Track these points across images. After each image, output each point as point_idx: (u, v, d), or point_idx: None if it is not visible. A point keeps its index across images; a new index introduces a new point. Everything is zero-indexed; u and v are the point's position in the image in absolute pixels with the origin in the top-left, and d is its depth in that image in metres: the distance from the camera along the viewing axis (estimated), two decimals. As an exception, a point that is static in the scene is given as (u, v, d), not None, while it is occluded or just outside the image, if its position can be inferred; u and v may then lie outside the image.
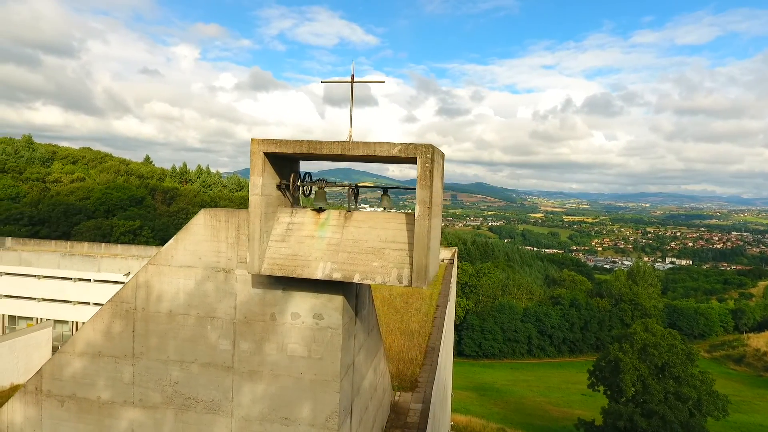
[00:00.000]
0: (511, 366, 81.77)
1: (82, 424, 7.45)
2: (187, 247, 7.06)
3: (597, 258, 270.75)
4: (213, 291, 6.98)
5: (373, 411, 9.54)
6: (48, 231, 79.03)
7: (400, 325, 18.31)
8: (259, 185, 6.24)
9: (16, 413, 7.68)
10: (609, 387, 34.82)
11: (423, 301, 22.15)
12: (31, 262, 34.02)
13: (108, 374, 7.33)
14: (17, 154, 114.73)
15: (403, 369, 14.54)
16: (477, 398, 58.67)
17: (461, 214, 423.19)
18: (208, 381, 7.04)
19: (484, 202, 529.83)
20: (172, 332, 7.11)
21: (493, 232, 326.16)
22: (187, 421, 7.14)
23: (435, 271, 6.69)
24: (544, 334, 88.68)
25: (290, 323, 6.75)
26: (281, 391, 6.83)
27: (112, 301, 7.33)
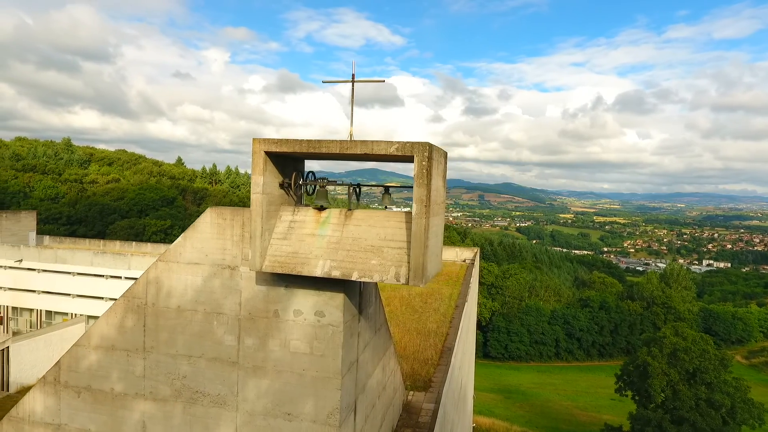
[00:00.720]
0: (537, 369, 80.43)
1: (96, 414, 7.74)
2: (194, 244, 7.25)
3: (629, 260, 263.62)
4: (219, 288, 7.15)
5: (381, 409, 9.57)
6: (85, 230, 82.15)
7: (417, 325, 18.29)
8: (260, 184, 6.35)
9: (36, 402, 8.04)
10: (637, 392, 33.86)
11: (442, 301, 22.05)
12: (66, 260, 35.44)
13: (121, 367, 7.60)
14: (57, 157, 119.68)
15: (417, 369, 14.53)
16: (501, 401, 57.96)
17: (488, 214, 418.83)
18: (215, 375, 7.21)
19: (512, 203, 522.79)
20: (181, 327, 7.32)
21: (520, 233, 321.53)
22: (194, 414, 7.33)
23: (436, 270, 6.68)
24: (572, 337, 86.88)
25: (293, 320, 6.85)
26: (284, 386, 6.94)
27: (125, 296, 7.59)
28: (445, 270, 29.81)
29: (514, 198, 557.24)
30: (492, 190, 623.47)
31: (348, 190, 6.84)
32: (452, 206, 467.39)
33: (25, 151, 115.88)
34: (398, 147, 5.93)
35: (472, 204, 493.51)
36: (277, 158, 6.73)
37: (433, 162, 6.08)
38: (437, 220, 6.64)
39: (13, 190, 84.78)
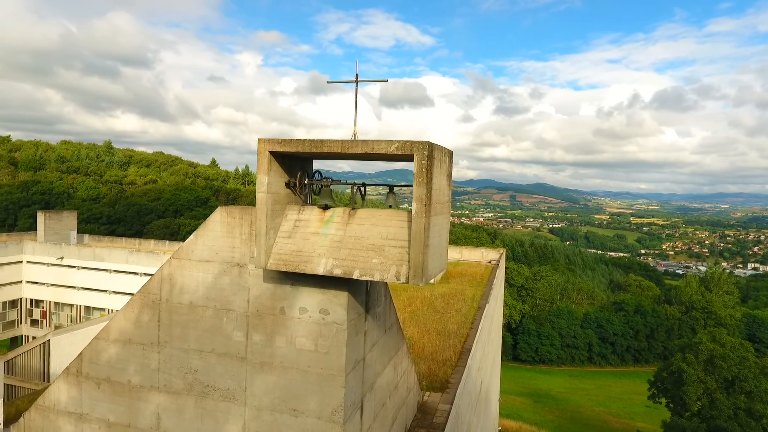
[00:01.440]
0: (569, 373, 78.62)
1: (115, 405, 8.06)
2: (205, 242, 7.46)
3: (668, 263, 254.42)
4: (228, 285, 7.33)
5: (392, 409, 9.59)
6: (123, 229, 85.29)
7: (438, 326, 18.21)
8: (265, 183, 6.48)
9: (61, 392, 8.43)
10: (672, 399, 32.65)
11: (464, 302, 21.87)
12: (103, 258, 36.91)
13: (137, 360, 7.89)
14: (98, 159, 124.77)
15: (435, 369, 14.47)
16: (531, 404, 56.94)
17: (520, 215, 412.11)
18: (225, 370, 7.40)
19: (545, 203, 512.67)
20: (193, 323, 7.54)
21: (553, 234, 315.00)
22: (205, 407, 7.53)
23: (439, 270, 6.66)
24: (605, 341, 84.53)
25: (298, 317, 6.96)
26: (290, 383, 7.05)
27: (141, 292, 7.88)
28: (470, 271, 29.54)
29: (547, 198, 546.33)
30: (524, 190, 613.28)
31: (352, 190, 6.89)
32: (483, 207, 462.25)
33: (69, 154, 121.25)
34: (398, 146, 5.94)
35: (503, 205, 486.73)
36: (282, 158, 6.85)
37: (434, 161, 6.07)
38: (440, 220, 6.62)
39: (58, 191, 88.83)
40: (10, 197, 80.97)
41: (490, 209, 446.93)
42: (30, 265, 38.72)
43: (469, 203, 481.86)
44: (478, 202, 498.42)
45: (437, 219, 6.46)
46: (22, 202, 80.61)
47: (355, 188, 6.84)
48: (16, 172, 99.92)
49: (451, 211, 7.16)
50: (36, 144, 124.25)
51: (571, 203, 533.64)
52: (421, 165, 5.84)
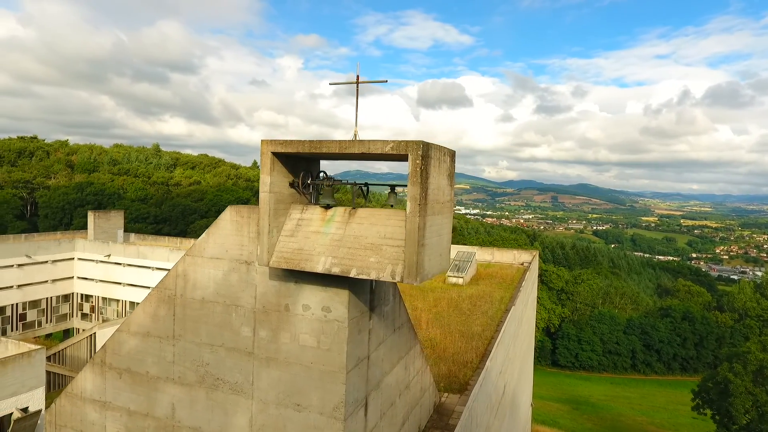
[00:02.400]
0: (611, 380, 75.90)
1: (134, 394, 8.47)
2: (216, 240, 7.74)
3: (722, 267, 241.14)
4: (237, 281, 7.57)
5: (403, 408, 9.61)
6: (169, 229, 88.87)
7: (462, 328, 18.05)
8: (268, 183, 6.67)
9: (87, 381, 8.94)
10: (717, 411, 30.97)
11: (492, 304, 21.57)
12: (146, 255, 38.64)
13: (154, 352, 8.27)
14: (147, 161, 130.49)
15: (455, 371, 14.36)
16: (568, 411, 55.34)
17: (562, 216, 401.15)
18: (233, 364, 7.65)
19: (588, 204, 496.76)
20: (204, 318, 7.83)
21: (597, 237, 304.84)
22: (215, 399, 7.81)
23: (438, 269, 6.65)
24: (650, 349, 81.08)
25: (301, 314, 7.11)
26: (294, 378, 7.22)
27: (158, 287, 8.25)
28: (501, 273, 29.06)
29: (591, 199, 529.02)
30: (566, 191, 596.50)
31: (353, 189, 6.98)
32: (523, 208, 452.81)
33: (120, 157, 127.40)
34: (393, 146, 5.99)
35: (544, 206, 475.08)
36: (286, 159, 7.02)
37: (430, 161, 6.08)
38: (440, 219, 6.61)
39: (110, 192, 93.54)
40: (66, 198, 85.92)
41: (531, 210, 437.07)
42: (81, 262, 41.02)
43: (508, 204, 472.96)
44: (518, 203, 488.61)
45: (436, 219, 6.46)
46: (77, 202, 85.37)
47: (356, 188, 6.93)
48: (72, 174, 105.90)
49: (453, 210, 7.13)
50: (91, 147, 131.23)
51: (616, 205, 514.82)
52: (415, 165, 5.86)
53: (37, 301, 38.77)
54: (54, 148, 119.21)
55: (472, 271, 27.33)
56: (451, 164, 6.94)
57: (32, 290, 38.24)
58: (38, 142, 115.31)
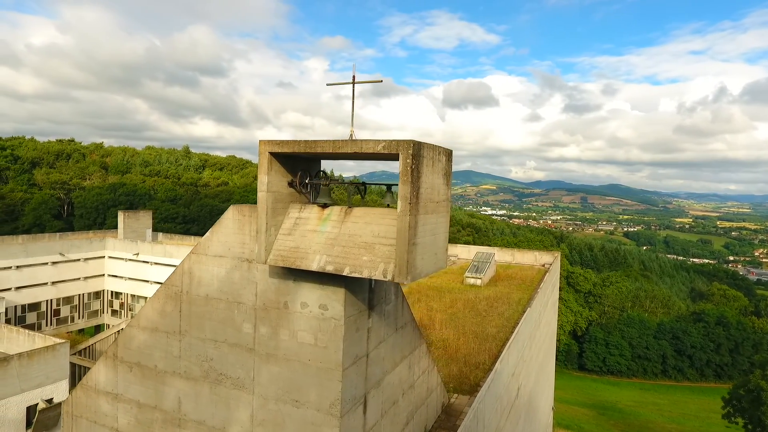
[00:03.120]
0: (640, 386, 73.86)
1: (143, 387, 8.75)
2: (219, 238, 7.92)
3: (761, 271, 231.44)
4: (239, 279, 7.74)
5: (406, 407, 9.63)
6: (197, 228, 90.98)
7: (477, 329, 17.91)
8: (265, 182, 6.80)
9: (100, 374, 9.28)
10: (749, 420, 29.79)
11: (509, 305, 21.32)
12: (172, 254, 39.67)
13: (162, 347, 8.52)
14: (177, 163, 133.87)
15: (466, 372, 14.28)
16: (594, 416, 54.11)
17: (592, 218, 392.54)
18: (236, 360, 7.82)
19: (619, 205, 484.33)
20: (208, 314, 8.03)
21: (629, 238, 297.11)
22: (219, 394, 8.00)
23: (432, 268, 6.64)
24: (682, 354, 78.53)
25: (300, 312, 7.22)
26: (293, 374, 7.33)
27: (165, 284, 8.50)
28: (521, 274, 28.67)
29: (622, 200, 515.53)
30: (596, 191, 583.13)
31: (348, 189, 7.05)
32: (551, 209, 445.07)
33: (152, 158, 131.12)
34: (384, 145, 6.03)
35: (573, 207, 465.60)
36: (285, 159, 7.14)
37: (422, 160, 6.09)
38: (434, 218, 6.61)
39: (141, 192, 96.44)
40: (100, 198, 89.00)
41: (559, 211, 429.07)
42: (111, 260, 42.44)
43: (536, 205, 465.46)
44: (546, 204, 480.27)
45: (429, 218, 6.46)
46: (110, 202, 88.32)
47: (353, 187, 6.99)
48: (106, 175, 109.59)
49: (450, 209, 7.11)
50: (124, 150, 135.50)
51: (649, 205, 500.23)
52: (406, 164, 5.88)
53: (70, 298, 40.28)
54: (90, 151, 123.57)
55: (491, 272, 27.06)
56: (447, 163, 6.93)
57: (65, 287, 39.77)
58: (75, 145, 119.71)
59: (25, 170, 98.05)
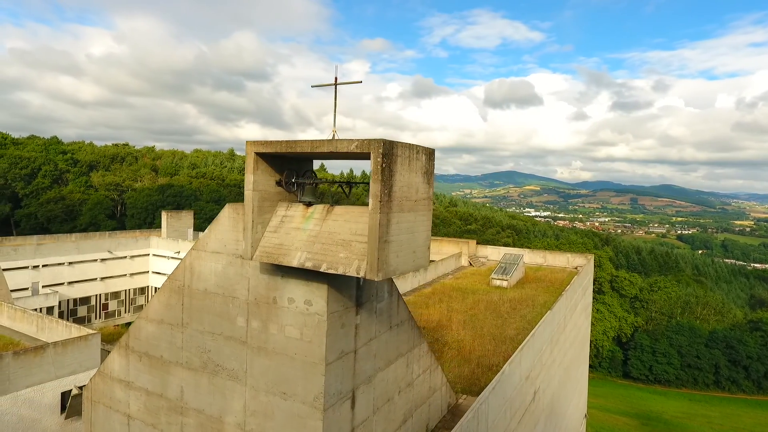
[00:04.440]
0: (689, 397, 70.16)
1: (151, 376, 9.24)
2: (216, 235, 8.28)
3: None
4: (233, 274, 8.06)
5: (404, 405, 9.69)
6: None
7: (495, 331, 17.68)
8: (251, 181, 7.07)
9: (115, 362, 9.86)
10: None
11: (533, 308, 20.89)
12: (211, 253, 41.20)
13: (166, 338, 8.98)
14: (222, 165, 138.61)
15: (478, 374, 14.16)
16: (637, 427, 51.88)
17: (642, 220, 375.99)
18: (230, 352, 8.14)
19: (672, 207, 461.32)
20: (207, 308, 8.40)
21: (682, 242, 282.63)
22: (216, 384, 8.35)
23: (408, 266, 6.70)
24: (737, 365, 73.94)
25: (287, 307, 7.45)
26: (280, 367, 7.57)
27: (170, 278, 8.96)
28: (550, 276, 27.97)
29: (675, 201, 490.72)
30: (647, 192, 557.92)
31: (329, 188, 7.20)
32: (598, 210, 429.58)
33: (199, 161, 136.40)
34: (357, 144, 6.15)
35: (622, 208, 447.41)
36: (273, 159, 7.39)
37: (395, 158, 6.17)
38: (411, 217, 6.67)
39: (187, 194, 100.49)
40: (150, 199, 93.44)
41: (607, 213, 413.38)
42: (154, 258, 44.56)
43: (582, 206, 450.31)
44: (593, 205, 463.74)
45: (405, 216, 6.53)
46: (159, 203, 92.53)
47: (337, 186, 7.15)
48: (156, 177, 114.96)
49: (431, 208, 7.14)
50: (173, 152, 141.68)
51: (705, 207, 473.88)
52: (376, 162, 5.98)
53: (117, 293, 42.59)
54: (142, 154, 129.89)
55: (519, 274, 26.54)
56: (427, 162, 6.98)
57: (113, 283, 42.08)
58: (128, 149, 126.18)
59: (83, 173, 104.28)
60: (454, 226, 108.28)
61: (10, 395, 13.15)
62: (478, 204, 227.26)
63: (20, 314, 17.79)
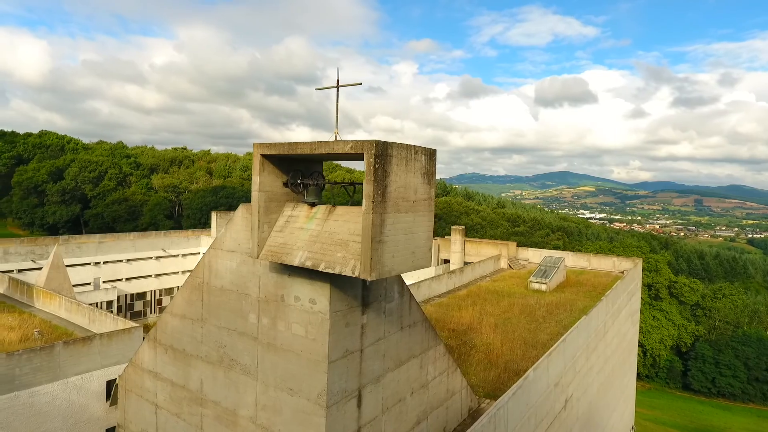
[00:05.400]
0: (757, 413, 65.20)
1: (175, 368, 9.72)
2: (231, 235, 8.61)
3: None
4: (246, 272, 8.35)
5: (417, 407, 9.65)
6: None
7: (527, 335, 17.23)
8: (257, 183, 7.31)
9: (145, 354, 10.44)
10: None
11: (570, 313, 20.17)
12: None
13: (188, 332, 9.41)
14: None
15: (505, 379, 13.88)
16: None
17: (707, 222, 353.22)
18: (243, 348, 8.44)
19: (742, 209, 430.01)
20: (223, 304, 8.75)
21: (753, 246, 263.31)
22: (231, 378, 8.67)
23: (405, 267, 6.69)
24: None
25: (293, 305, 7.63)
26: (288, 364, 7.76)
27: (192, 275, 9.39)
28: (593, 281, 26.86)
29: (745, 203, 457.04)
30: (713, 193, 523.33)
31: (331, 189, 7.31)
32: (659, 212, 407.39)
33: (250, 163, 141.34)
34: (352, 146, 6.23)
35: (685, 210, 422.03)
36: (280, 160, 7.60)
37: (390, 159, 6.20)
38: (409, 217, 6.66)
39: (239, 195, 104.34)
40: (204, 200, 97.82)
41: (669, 215, 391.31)
42: (205, 256, 46.60)
43: (641, 208, 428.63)
44: (653, 206, 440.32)
45: (403, 216, 6.53)
46: (212, 204, 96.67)
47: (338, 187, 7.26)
48: (210, 179, 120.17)
49: (433, 208, 7.10)
50: (227, 156, 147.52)
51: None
52: (369, 163, 6.04)
53: (171, 289, 44.81)
54: (198, 157, 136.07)
55: (560, 277, 25.69)
56: (428, 163, 6.94)
57: (167, 279, 44.35)
58: (186, 152, 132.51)
59: (144, 175, 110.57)
60: (502, 228, 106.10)
61: (61, 381, 14.19)
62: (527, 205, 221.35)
63: (75, 307, 19.17)
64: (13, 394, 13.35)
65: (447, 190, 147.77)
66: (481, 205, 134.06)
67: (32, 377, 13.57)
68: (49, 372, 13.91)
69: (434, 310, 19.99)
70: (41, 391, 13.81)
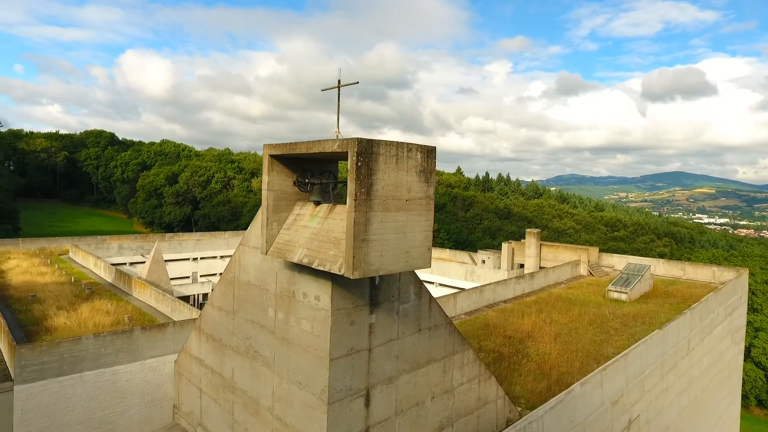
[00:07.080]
0: None
1: (214, 356, 10.41)
2: (255, 232, 9.05)
3: None
4: (267, 268, 8.73)
5: (439, 412, 9.40)
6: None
7: (591, 347, 15.97)
8: (266, 182, 7.61)
9: (192, 341, 11.32)
10: None
11: (648, 326, 18.32)
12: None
13: (223, 324, 10.05)
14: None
15: (555, 391, 13.01)
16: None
17: None
18: (264, 340, 8.82)
19: None
20: (249, 298, 9.22)
21: None
22: (255, 369, 9.11)
23: (397, 266, 6.57)
24: None
25: (302, 301, 7.84)
26: (298, 358, 7.98)
27: (226, 270, 10.01)
28: (686, 291, 24.07)
29: None
30: None
31: (331, 187, 7.37)
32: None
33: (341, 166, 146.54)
34: (339, 144, 6.26)
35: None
36: (290, 160, 7.85)
37: (375, 157, 6.15)
38: (401, 216, 6.54)
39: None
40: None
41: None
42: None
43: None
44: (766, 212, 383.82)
45: (393, 215, 6.43)
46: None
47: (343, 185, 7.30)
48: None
49: (432, 207, 6.88)
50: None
51: None
52: (352, 161, 6.04)
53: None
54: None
55: (644, 287, 23.40)
56: (424, 160, 6.76)
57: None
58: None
59: (246, 179, 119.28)
60: (599, 233, 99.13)
61: (138, 362, 15.82)
62: (631, 209, 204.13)
63: (162, 297, 21.29)
64: (100, 371, 15.18)
65: (539, 192, 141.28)
66: (577, 208, 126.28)
67: (115, 357, 15.33)
68: (129, 353, 15.61)
69: (495, 315, 19.25)
70: (122, 370, 15.54)
